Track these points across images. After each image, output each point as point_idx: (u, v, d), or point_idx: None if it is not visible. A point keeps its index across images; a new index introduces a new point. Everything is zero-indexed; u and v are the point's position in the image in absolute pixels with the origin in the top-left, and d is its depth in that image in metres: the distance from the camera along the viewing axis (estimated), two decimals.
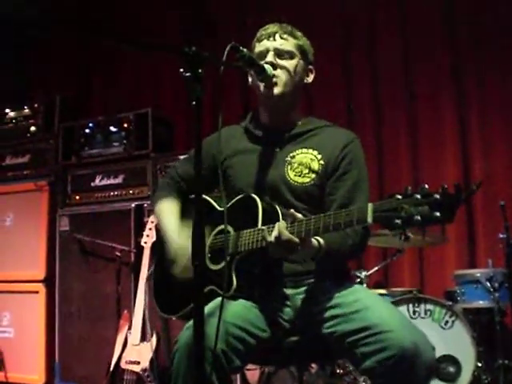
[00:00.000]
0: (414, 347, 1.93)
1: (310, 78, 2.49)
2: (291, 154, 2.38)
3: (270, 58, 2.35)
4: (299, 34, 2.46)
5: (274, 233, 2.01)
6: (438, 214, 1.63)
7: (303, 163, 2.35)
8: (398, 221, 1.69)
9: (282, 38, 2.39)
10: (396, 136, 4.97)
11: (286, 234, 1.99)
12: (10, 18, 5.53)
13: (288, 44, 2.39)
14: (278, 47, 2.38)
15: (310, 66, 2.49)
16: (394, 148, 4.96)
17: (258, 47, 2.42)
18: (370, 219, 1.78)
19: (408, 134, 4.93)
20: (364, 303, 2.12)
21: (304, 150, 2.38)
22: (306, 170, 2.34)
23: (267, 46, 2.38)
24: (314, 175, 2.33)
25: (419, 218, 1.66)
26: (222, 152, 2.43)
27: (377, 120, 5.05)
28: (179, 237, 2.34)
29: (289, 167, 2.36)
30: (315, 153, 2.36)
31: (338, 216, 1.90)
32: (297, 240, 1.99)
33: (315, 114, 2.61)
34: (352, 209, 1.87)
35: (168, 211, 2.50)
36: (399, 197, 1.71)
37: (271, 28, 2.42)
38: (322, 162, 2.34)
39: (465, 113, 4.79)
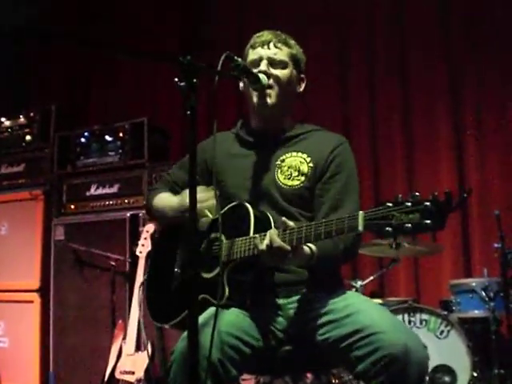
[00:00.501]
0: (405, 347, 1.93)
1: (302, 87, 2.51)
2: (281, 158, 2.40)
3: (263, 67, 2.37)
4: (293, 42, 2.47)
5: (266, 241, 2.01)
6: (428, 221, 1.64)
7: (293, 166, 2.37)
8: (388, 228, 1.70)
9: (276, 46, 2.40)
10: (391, 145, 4.98)
11: (278, 242, 1.99)
12: (8, 23, 5.52)
13: (281, 53, 2.40)
14: (272, 56, 2.39)
15: (302, 75, 2.51)
16: (389, 157, 4.97)
17: (252, 54, 2.43)
18: (361, 227, 1.78)
19: (403, 143, 4.95)
20: (355, 307, 2.12)
21: (293, 154, 2.40)
22: (296, 173, 2.35)
23: (261, 55, 2.40)
24: (303, 178, 2.34)
25: (410, 225, 1.66)
26: (216, 162, 2.43)
27: (372, 129, 5.06)
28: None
29: (279, 171, 2.37)
30: (304, 156, 2.38)
31: (330, 224, 1.91)
32: (288, 248, 1.99)
33: (310, 122, 2.61)
34: (343, 217, 1.88)
35: (168, 196, 2.52)
36: (390, 205, 1.72)
37: (265, 36, 2.43)
38: (311, 164, 2.36)
39: (460, 122, 4.81)
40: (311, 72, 2.56)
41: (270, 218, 2.19)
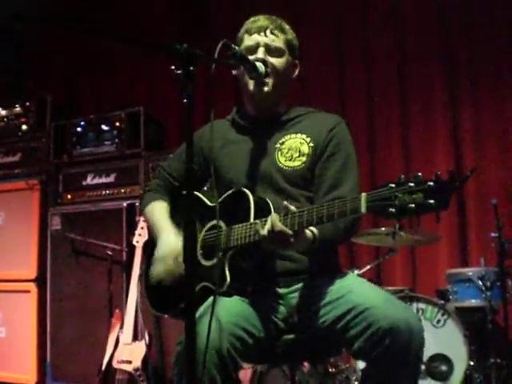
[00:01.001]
0: (398, 320, 1.93)
1: (296, 73, 2.50)
2: (280, 141, 2.39)
3: (260, 54, 2.35)
4: (287, 27, 2.45)
5: (267, 226, 1.99)
6: (432, 201, 1.61)
7: (293, 147, 2.35)
8: (392, 209, 1.67)
9: (272, 33, 2.38)
10: (388, 133, 4.98)
11: (279, 226, 1.96)
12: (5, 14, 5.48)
13: (278, 40, 2.39)
14: (269, 43, 2.37)
15: (296, 61, 2.49)
16: (385, 143, 4.96)
17: (248, 40, 2.40)
18: (363, 209, 1.76)
19: (400, 130, 4.94)
20: (349, 287, 2.12)
21: (292, 136, 2.39)
22: (297, 154, 2.34)
23: (258, 41, 2.38)
24: (304, 158, 2.33)
25: (413, 205, 1.64)
26: (213, 149, 2.43)
27: (369, 113, 5.06)
28: (168, 238, 2.33)
29: (279, 153, 2.36)
30: (304, 136, 2.37)
31: (331, 207, 1.88)
32: (290, 232, 1.96)
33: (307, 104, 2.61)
34: (345, 199, 1.85)
35: (158, 211, 2.49)
36: (393, 185, 1.69)
37: (262, 21, 2.40)
38: (311, 144, 2.35)
39: (457, 111, 4.79)
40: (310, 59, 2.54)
41: (270, 203, 2.17)
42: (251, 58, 2.31)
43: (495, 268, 3.96)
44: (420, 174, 1.66)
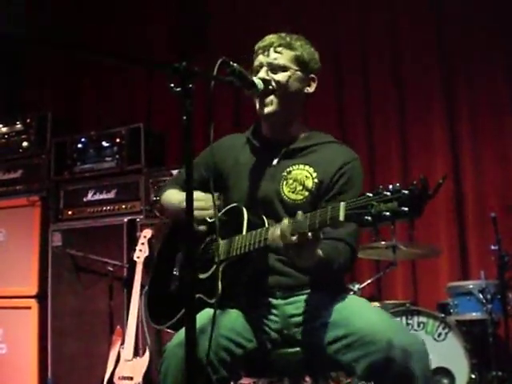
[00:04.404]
0: (402, 346, 1.93)
1: (312, 88, 2.45)
2: (288, 169, 2.36)
3: (262, 73, 2.35)
4: (298, 43, 2.42)
5: (277, 230, 2.01)
6: (405, 208, 1.65)
7: (298, 179, 2.33)
8: (368, 217, 1.72)
9: (276, 51, 2.37)
10: (388, 150, 4.99)
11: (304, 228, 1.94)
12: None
13: (282, 58, 2.37)
14: (271, 61, 2.36)
15: (312, 75, 2.45)
16: (385, 157, 4.98)
17: (255, 61, 2.42)
18: (341, 217, 1.79)
19: (399, 147, 4.95)
20: (350, 310, 2.13)
21: (301, 167, 2.36)
22: (300, 187, 2.32)
23: (261, 61, 2.38)
24: (306, 193, 2.31)
25: (388, 213, 1.68)
26: (224, 167, 2.45)
27: (367, 126, 5.07)
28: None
29: (284, 182, 2.34)
30: (311, 170, 2.34)
31: (313, 216, 1.91)
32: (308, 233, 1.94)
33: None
34: (326, 208, 1.88)
35: (174, 193, 2.53)
36: (370, 195, 1.73)
37: (267, 40, 2.40)
38: (316, 180, 2.32)
39: (456, 124, 4.81)
40: None
41: (265, 219, 2.19)
42: (254, 77, 2.31)
43: (496, 281, 3.96)
44: (398, 184, 1.70)
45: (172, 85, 1.84)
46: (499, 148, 4.66)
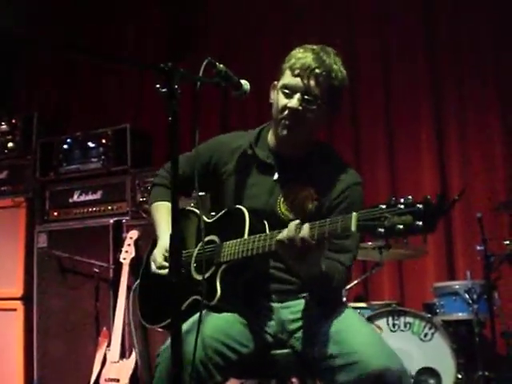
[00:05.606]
0: (396, 371, 1.94)
1: (334, 113, 2.36)
2: (288, 186, 2.31)
3: (294, 102, 2.23)
4: (336, 67, 2.28)
5: (285, 233, 1.98)
6: (420, 223, 1.64)
7: (297, 199, 2.28)
8: (381, 230, 1.70)
9: (316, 80, 2.22)
10: (374, 151, 5.00)
11: (306, 231, 1.93)
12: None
13: (318, 88, 2.23)
14: (307, 90, 2.22)
15: (334, 110, 2.34)
16: (371, 160, 4.99)
17: (288, 78, 2.27)
18: (353, 228, 1.78)
19: (386, 148, 4.97)
20: (347, 327, 2.11)
21: (301, 186, 2.30)
22: (298, 208, 2.27)
23: (295, 85, 2.24)
24: (303, 216, 2.18)
25: (402, 227, 1.66)
26: (225, 170, 2.41)
27: (354, 130, 5.08)
28: (165, 237, 2.30)
29: (282, 199, 2.30)
30: (312, 191, 2.28)
31: (323, 225, 1.89)
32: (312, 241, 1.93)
33: None
34: (337, 218, 1.86)
35: (161, 211, 2.46)
36: (383, 206, 1.72)
37: (309, 60, 2.23)
38: (316, 202, 2.27)
39: (443, 126, 4.84)
40: None
41: (266, 223, 2.18)
42: (285, 100, 2.24)
43: (482, 281, 3.99)
44: (410, 196, 1.69)
45: (158, 85, 1.83)
46: (486, 149, 4.68)
